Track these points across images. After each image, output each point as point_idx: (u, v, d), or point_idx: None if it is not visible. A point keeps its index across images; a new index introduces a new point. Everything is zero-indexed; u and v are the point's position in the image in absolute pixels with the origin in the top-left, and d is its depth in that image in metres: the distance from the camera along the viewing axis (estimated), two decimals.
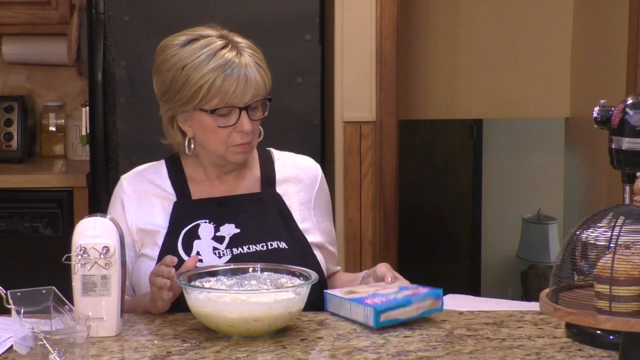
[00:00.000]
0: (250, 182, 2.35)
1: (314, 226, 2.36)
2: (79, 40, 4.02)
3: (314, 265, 2.27)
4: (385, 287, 2.14)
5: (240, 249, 2.25)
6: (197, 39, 2.26)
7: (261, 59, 2.27)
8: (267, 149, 2.43)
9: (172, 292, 2.09)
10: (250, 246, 2.25)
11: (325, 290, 2.19)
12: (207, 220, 2.27)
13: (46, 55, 4.32)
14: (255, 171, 2.37)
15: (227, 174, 2.34)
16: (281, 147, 2.47)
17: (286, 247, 2.27)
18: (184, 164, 2.35)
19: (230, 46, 2.24)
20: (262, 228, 2.28)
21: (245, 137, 2.25)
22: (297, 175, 2.39)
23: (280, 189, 2.35)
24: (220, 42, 2.25)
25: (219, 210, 2.29)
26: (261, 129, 2.33)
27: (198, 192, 2.32)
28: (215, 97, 2.21)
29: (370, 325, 2.02)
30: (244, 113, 2.23)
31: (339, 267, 2.49)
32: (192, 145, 2.30)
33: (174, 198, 2.31)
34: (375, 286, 2.16)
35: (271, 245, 2.26)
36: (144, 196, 2.32)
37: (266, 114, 2.29)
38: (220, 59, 2.22)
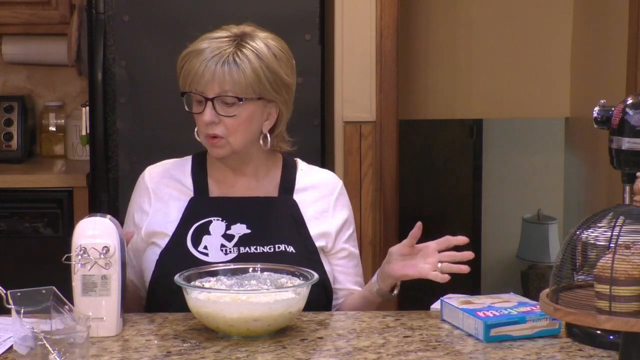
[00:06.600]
0: (269, 187, 2.35)
1: (330, 234, 2.34)
2: (79, 40, 4.02)
3: (320, 271, 2.21)
4: (503, 299, 2.08)
5: (247, 248, 2.25)
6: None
7: (258, 60, 2.19)
8: (294, 158, 2.42)
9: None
10: (258, 247, 2.25)
11: (441, 298, 2.12)
12: (220, 218, 2.28)
13: (46, 55, 4.32)
14: (276, 177, 2.36)
15: (243, 175, 2.33)
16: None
17: (294, 251, 2.26)
18: (208, 161, 2.36)
19: (225, 37, 2.22)
20: (272, 230, 2.28)
21: (208, 128, 2.22)
22: (316, 185, 2.37)
23: (297, 197, 2.34)
24: (221, 32, 2.24)
25: (232, 209, 2.29)
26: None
27: (216, 190, 2.33)
28: (186, 80, 2.22)
29: (480, 338, 1.95)
30: (208, 103, 2.20)
31: (357, 287, 2.39)
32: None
33: (191, 194, 2.32)
34: (493, 298, 2.09)
35: (278, 247, 2.25)
36: (163, 190, 2.33)
37: (242, 114, 2.20)
38: (201, 44, 2.21)
